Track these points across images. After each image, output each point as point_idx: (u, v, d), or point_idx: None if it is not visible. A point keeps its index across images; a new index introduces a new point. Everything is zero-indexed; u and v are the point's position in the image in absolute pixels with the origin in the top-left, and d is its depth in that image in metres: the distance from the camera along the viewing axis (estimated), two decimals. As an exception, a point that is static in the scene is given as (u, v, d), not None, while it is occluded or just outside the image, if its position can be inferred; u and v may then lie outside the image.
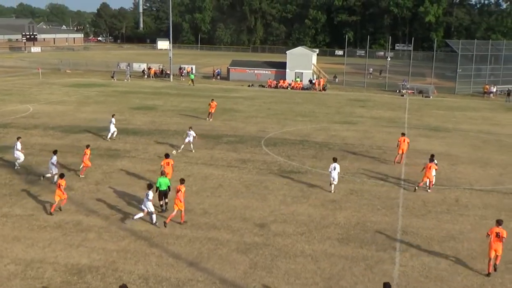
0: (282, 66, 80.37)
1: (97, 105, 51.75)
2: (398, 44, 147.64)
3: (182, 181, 21.69)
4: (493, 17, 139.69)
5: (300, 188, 26.46)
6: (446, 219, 22.80)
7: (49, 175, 26.10)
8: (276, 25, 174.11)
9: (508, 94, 69.32)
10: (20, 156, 28.35)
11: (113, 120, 36.33)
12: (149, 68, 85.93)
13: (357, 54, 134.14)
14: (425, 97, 69.35)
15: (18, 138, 28.96)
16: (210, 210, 22.97)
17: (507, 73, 79.13)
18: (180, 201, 20.91)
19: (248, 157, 32.11)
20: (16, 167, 28.34)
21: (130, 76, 78.92)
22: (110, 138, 35.94)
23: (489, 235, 17.81)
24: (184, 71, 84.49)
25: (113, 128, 35.99)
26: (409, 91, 71.91)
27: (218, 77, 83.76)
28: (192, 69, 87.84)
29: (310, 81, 76.31)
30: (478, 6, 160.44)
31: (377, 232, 20.99)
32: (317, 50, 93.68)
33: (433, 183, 27.00)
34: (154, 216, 20.94)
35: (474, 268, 18.16)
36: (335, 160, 26.11)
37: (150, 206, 20.86)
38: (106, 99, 56.63)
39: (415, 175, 29.29)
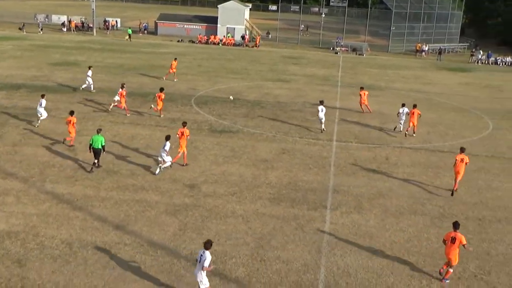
0: (213, 21, 79.45)
1: (13, 60, 49.49)
2: (333, 0, 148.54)
3: (184, 124, 24.21)
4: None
5: (231, 148, 26.70)
6: (376, 177, 23.75)
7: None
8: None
9: (440, 53, 71.92)
10: (43, 113, 29.11)
11: (90, 72, 37.47)
12: (69, 21, 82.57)
13: (291, 9, 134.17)
14: (359, 55, 70.80)
15: (42, 96, 29.36)
16: (137, 171, 22.83)
17: (439, 32, 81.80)
18: (183, 145, 23.49)
19: (178, 116, 31.90)
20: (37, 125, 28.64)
21: (42, 29, 75.41)
22: (84, 88, 37.26)
23: (445, 240, 15.71)
24: (112, 25, 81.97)
25: (90, 81, 37.23)
26: (343, 49, 73.13)
27: (145, 31, 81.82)
28: (116, 22, 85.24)
29: (243, 37, 76.01)
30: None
31: (308, 191, 21.61)
32: (250, 5, 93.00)
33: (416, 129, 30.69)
34: (166, 165, 22.75)
35: (401, 224, 19.14)
36: (321, 102, 29.88)
37: (166, 158, 22.61)
38: (22, 53, 54.20)
39: (347, 133, 30.17)
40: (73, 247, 16.33)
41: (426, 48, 75.80)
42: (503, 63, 71.70)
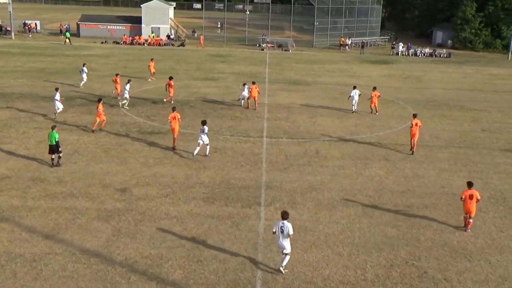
0: (137, 21, 78.18)
1: None
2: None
3: (174, 109, 27.38)
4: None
5: (162, 149, 26.34)
6: (308, 171, 24.09)
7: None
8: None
9: (362, 46, 73.90)
10: (59, 105, 31.15)
11: (85, 69, 41.03)
12: (-15, 24, 78.96)
13: (216, 7, 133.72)
14: (285, 50, 71.66)
15: (56, 89, 31.45)
16: (65, 178, 22.11)
17: (360, 26, 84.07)
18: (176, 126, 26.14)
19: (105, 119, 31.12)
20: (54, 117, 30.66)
21: None
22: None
23: (462, 198, 18.60)
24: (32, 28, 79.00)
25: (85, 77, 40.33)
26: (269, 45, 73.75)
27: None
28: (36, 25, 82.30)
29: (168, 36, 75.20)
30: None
31: (241, 189, 21.64)
32: (174, 4, 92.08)
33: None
34: (202, 149, 25.30)
35: (334, 216, 19.50)
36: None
37: (205, 139, 25.05)
38: None
39: (277, 129, 30.45)
40: (0, 261, 15.61)
41: (349, 42, 77.70)
42: (422, 54, 74.52)
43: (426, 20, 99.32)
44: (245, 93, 35.70)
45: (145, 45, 72.01)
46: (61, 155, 23.65)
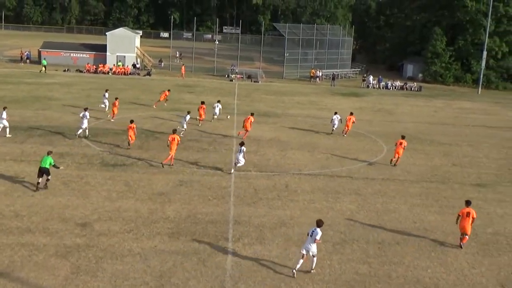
0: (102, 49, 78.07)
1: None
2: (226, 27, 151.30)
3: (174, 131, 29.65)
4: (317, 2, 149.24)
5: (125, 182, 26.08)
6: (277, 205, 24.12)
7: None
8: (94, 3, 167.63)
9: (333, 79, 75.13)
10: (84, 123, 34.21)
11: (106, 94, 44.27)
12: None
13: (184, 36, 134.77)
14: (254, 81, 72.30)
15: (86, 109, 34.83)
16: (22, 212, 21.65)
17: (331, 58, 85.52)
18: (173, 148, 28.52)
19: (66, 151, 30.78)
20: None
21: None
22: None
23: (459, 215, 20.81)
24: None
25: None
26: (238, 76, 74.35)
27: (28, 60, 78.67)
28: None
29: (134, 65, 75.21)
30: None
31: (209, 224, 21.51)
32: (141, 32, 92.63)
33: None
34: (238, 164, 27.95)
35: (304, 252, 19.46)
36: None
37: (241, 159, 27.75)
38: None
39: (246, 162, 30.47)
40: (-51, 301, 15.12)
41: (320, 74, 78.87)
42: (393, 87, 76.05)
43: (397, 53, 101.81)
44: (217, 110, 41.37)
45: (110, 74, 71.79)
46: (49, 177, 24.53)
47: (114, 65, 74.44)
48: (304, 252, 17.74)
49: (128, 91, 55.92)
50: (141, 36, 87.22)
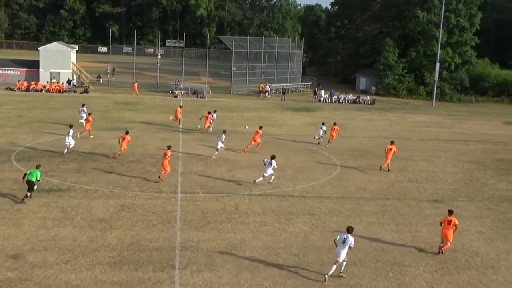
0: (34, 65, 76.65)
1: None
2: (169, 40, 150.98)
3: (169, 147, 31.48)
4: (265, 13, 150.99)
5: (62, 208, 25.52)
6: (227, 228, 24.05)
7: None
8: (25, 16, 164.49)
9: (283, 93, 75.85)
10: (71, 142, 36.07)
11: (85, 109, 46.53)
12: None
13: (124, 51, 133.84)
14: (200, 97, 72.30)
15: (71, 126, 37.11)
16: None
17: (281, 71, 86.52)
18: (166, 164, 30.35)
19: (-5, 176, 29.95)
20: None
21: None
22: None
23: (441, 223, 22.81)
24: None
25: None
26: (183, 92, 74.19)
27: (-49, 78, 76.48)
28: None
29: (69, 82, 74.08)
30: (250, 0, 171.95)
31: (153, 251, 21.24)
32: (77, 46, 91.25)
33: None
34: (272, 177, 30.90)
35: (256, 278, 19.45)
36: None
37: (269, 171, 30.49)
38: None
39: (192, 184, 30.33)
40: None
41: (269, 89, 79.57)
42: (346, 101, 77.40)
43: (349, 66, 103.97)
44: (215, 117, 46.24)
45: (43, 91, 70.41)
46: (31, 193, 26.15)
47: (48, 82, 73.06)
48: (338, 258, 19.58)
49: (63, 110, 54.96)
50: (77, 51, 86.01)
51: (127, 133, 36.27)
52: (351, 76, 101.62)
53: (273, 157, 31.09)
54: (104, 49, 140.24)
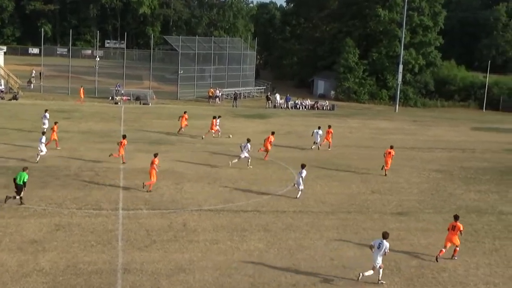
0: (-45, 68, 74.82)
1: None
2: (108, 41, 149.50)
3: (156, 154, 32.69)
4: (214, 11, 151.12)
5: (-12, 229, 24.94)
6: (174, 248, 23.89)
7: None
8: None
9: (235, 98, 76.00)
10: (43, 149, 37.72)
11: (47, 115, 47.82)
12: None
13: (58, 52, 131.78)
14: (144, 104, 71.78)
15: (43, 133, 39.17)
16: None
17: (232, 74, 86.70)
18: (153, 172, 31.74)
19: None
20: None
21: None
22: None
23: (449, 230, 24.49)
24: None
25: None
26: (124, 98, 73.52)
27: None
28: None
29: (-3, 88, 72.60)
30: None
31: (92, 274, 20.94)
32: (5, 48, 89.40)
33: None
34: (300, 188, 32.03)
35: (207, 302, 19.36)
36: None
37: (300, 182, 31.77)
38: None
39: (135, 199, 30.06)
40: None
41: (220, 94, 79.62)
42: (303, 107, 78.07)
43: (306, 68, 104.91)
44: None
45: (-35, 99, 68.81)
46: (18, 196, 28.03)
47: (-29, 88, 71.41)
48: (374, 263, 21.23)
49: (-11, 119, 53.79)
50: (4, 53, 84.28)
51: (124, 137, 38.28)
52: (308, 80, 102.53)
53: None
54: (35, 50, 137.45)
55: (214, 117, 50.79)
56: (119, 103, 71.39)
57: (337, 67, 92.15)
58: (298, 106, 78.31)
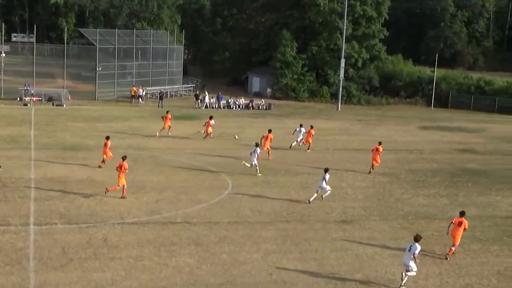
0: None
1: None
2: (15, 34, 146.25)
3: (124, 157, 33.23)
4: (136, 1, 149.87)
5: None
6: (94, 267, 23.54)
7: None
8: None
9: (161, 98, 75.57)
10: None
11: None
12: None
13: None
14: (57, 105, 70.60)
15: None
16: None
17: (157, 71, 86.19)
18: (122, 178, 32.30)
19: None
20: None
21: None
22: None
23: (452, 223, 26.43)
24: None
25: None
26: (35, 99, 72.08)
27: None
28: None
29: None
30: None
31: (-1, 300, 20.46)
32: None
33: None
34: (326, 194, 33.92)
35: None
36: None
37: (324, 186, 33.51)
38: None
39: (49, 212, 29.52)
40: None
41: (144, 93, 78.98)
42: (237, 106, 78.23)
43: (239, 64, 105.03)
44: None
45: None
46: None
47: None
48: (405, 267, 22.70)
49: None
50: None
51: (107, 138, 40.22)
52: (242, 76, 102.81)
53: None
54: None
55: (211, 117, 53.83)
56: (28, 104, 69.89)
57: (273, 62, 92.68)
58: (231, 105, 78.43)
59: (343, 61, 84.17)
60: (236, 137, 53.14)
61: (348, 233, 28.97)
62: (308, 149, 49.27)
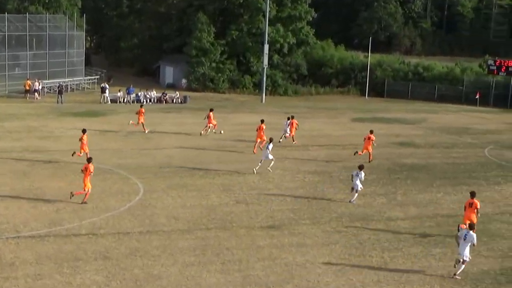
0: None
1: None
2: None
3: (89, 160, 34.56)
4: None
5: None
6: (-16, 288, 23.08)
7: None
8: None
9: (60, 92, 74.39)
10: None
11: None
12: None
13: None
14: None
15: None
16: None
17: (55, 62, 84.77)
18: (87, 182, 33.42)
19: None
20: None
21: None
22: None
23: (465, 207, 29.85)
24: None
25: None
26: None
27: None
28: None
29: None
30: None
31: None
32: None
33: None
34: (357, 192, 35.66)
35: None
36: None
37: (359, 185, 35.40)
38: None
39: None
40: None
41: (40, 87, 77.59)
42: (148, 100, 77.71)
43: (150, 52, 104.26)
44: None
45: None
46: None
47: None
48: (461, 256, 24.83)
49: None
50: None
51: (84, 131, 42.97)
52: (153, 66, 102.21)
53: (361, 168, 35.99)
54: None
55: (211, 110, 56.38)
56: None
57: (188, 49, 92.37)
58: (141, 99, 77.82)
59: (266, 47, 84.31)
60: (222, 132, 55.61)
61: (276, 240, 29.16)
62: (293, 140, 53.17)
